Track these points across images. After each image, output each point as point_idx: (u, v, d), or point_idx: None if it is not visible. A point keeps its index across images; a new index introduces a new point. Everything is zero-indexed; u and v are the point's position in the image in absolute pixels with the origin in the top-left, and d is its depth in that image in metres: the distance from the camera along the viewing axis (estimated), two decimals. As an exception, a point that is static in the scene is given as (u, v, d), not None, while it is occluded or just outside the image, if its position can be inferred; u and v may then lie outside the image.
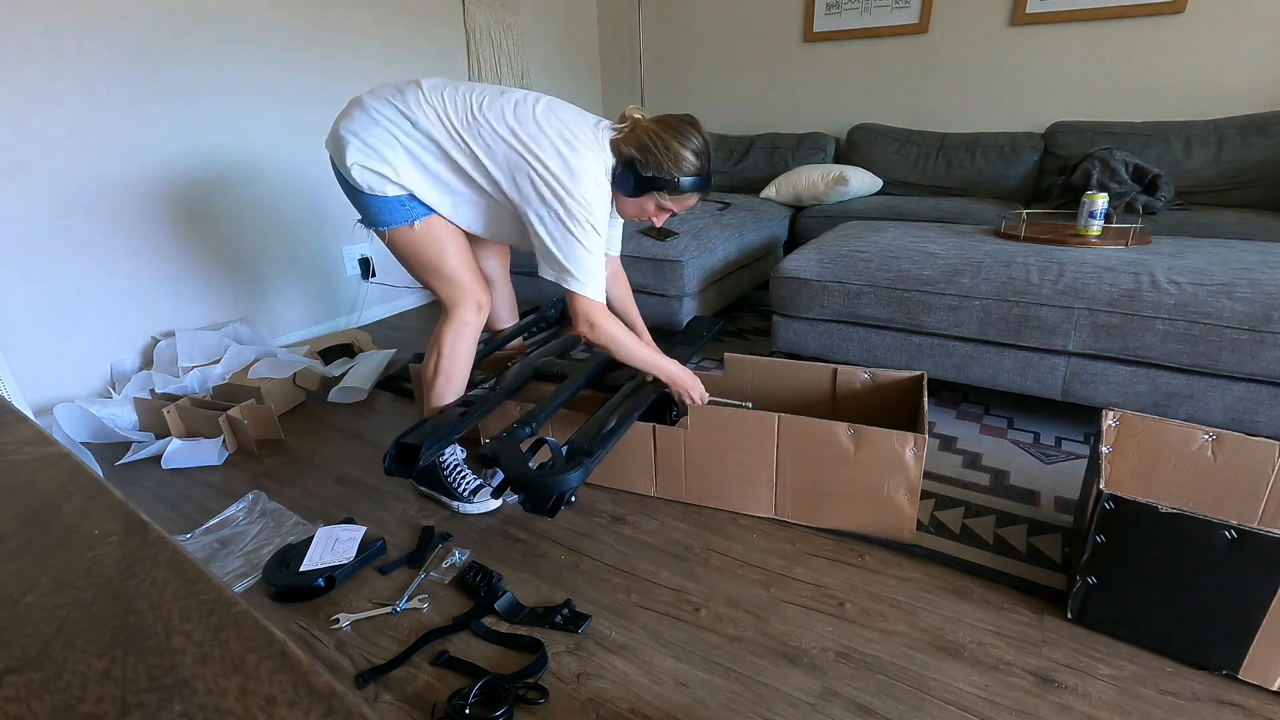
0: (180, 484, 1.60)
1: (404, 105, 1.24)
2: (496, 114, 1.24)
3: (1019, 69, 2.96)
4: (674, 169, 1.25)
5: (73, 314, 1.94)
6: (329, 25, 2.49)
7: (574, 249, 1.24)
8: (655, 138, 1.24)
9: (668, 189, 1.27)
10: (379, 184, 1.25)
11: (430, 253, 1.34)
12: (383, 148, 1.24)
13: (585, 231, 1.24)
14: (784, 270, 1.89)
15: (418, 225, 1.31)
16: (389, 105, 1.24)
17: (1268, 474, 1.15)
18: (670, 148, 1.24)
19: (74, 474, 0.44)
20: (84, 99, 1.88)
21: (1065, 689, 0.97)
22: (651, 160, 1.25)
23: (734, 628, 1.11)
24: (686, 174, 1.26)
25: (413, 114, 1.23)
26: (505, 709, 0.92)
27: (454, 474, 1.44)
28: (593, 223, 1.24)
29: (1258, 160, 2.46)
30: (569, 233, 1.23)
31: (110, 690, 0.27)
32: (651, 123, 1.28)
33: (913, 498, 1.26)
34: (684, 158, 1.25)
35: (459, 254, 1.36)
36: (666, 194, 1.28)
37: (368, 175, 1.25)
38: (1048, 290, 1.57)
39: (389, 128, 1.24)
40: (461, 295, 1.38)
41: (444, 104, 1.24)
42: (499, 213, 1.33)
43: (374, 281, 2.83)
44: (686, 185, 1.27)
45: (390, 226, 1.31)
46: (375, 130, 1.24)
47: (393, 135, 1.24)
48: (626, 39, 3.89)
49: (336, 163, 1.29)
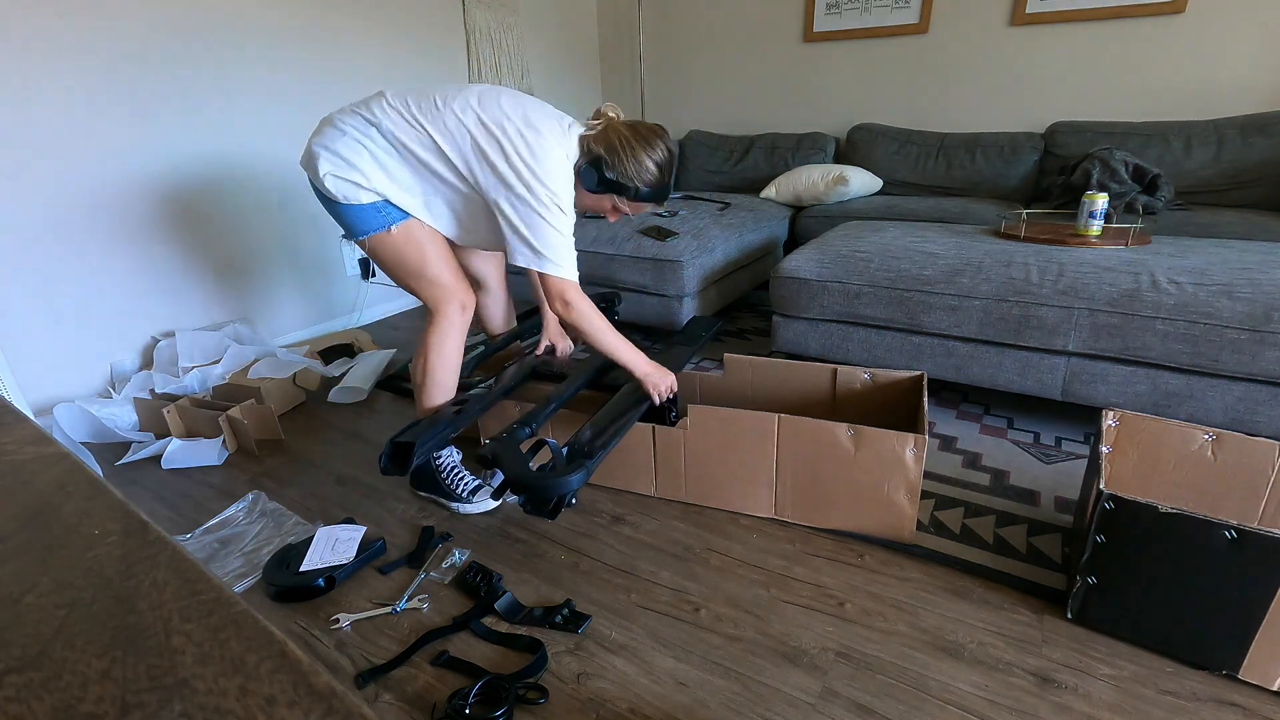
0: (180, 484, 1.60)
1: (368, 113, 1.28)
2: (461, 103, 1.26)
3: (1019, 69, 2.96)
4: (636, 178, 1.29)
5: (73, 314, 1.94)
6: (329, 25, 2.49)
7: (543, 230, 1.26)
8: (624, 143, 1.28)
9: (627, 194, 1.31)
10: (353, 192, 1.27)
11: (410, 256, 1.35)
12: (352, 156, 1.26)
13: (552, 212, 1.26)
14: (784, 270, 1.89)
15: (395, 230, 1.32)
16: (355, 115, 1.29)
17: (1268, 474, 1.15)
18: (636, 155, 1.27)
19: (74, 474, 0.44)
20: (85, 100, 1.88)
21: (1065, 689, 0.97)
22: (616, 163, 1.28)
23: (734, 628, 1.11)
24: (646, 184, 1.30)
25: (377, 119, 1.27)
26: (505, 709, 0.92)
27: (452, 476, 1.45)
28: (559, 204, 1.26)
29: (1258, 160, 2.46)
30: (536, 214, 1.25)
31: (110, 690, 0.27)
32: (624, 125, 1.30)
33: (913, 498, 1.26)
34: (647, 168, 1.29)
35: (439, 255, 1.37)
36: (625, 199, 1.32)
37: (341, 185, 1.27)
38: (1048, 290, 1.57)
39: (356, 136, 1.27)
40: (444, 296, 1.39)
41: (407, 104, 1.28)
42: (473, 209, 1.35)
43: (374, 281, 2.83)
44: (645, 195, 1.31)
45: (368, 234, 1.32)
46: (343, 140, 1.27)
47: (359, 143, 1.27)
48: (626, 39, 3.89)
49: (311, 178, 1.32)
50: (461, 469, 1.47)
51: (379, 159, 1.28)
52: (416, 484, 1.49)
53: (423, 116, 1.26)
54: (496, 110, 1.25)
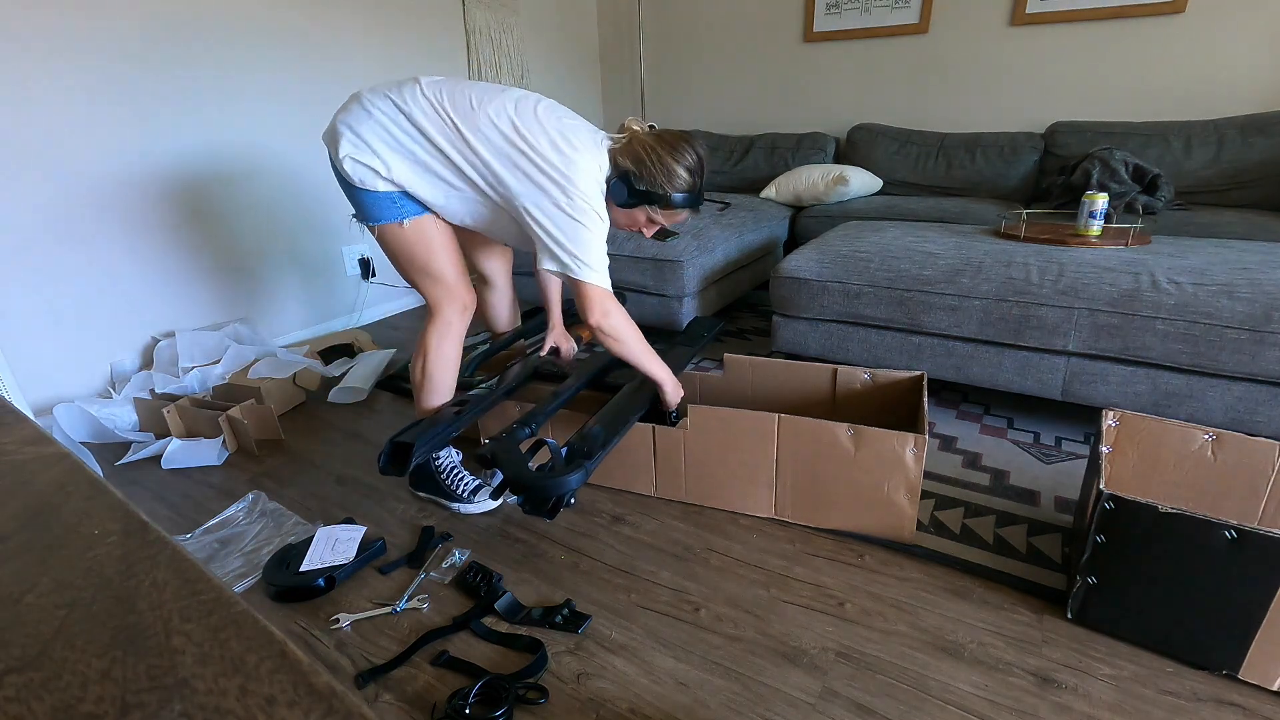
0: (180, 484, 1.60)
1: (400, 100, 1.23)
2: (497, 107, 1.23)
3: (1019, 69, 2.96)
4: (667, 184, 1.26)
5: (73, 314, 1.94)
6: (329, 25, 2.49)
7: (579, 234, 1.24)
8: (650, 152, 1.25)
9: (659, 203, 1.28)
10: (370, 178, 1.25)
11: (418, 252, 1.34)
12: (375, 141, 1.23)
13: (589, 217, 1.24)
14: (784, 270, 1.89)
15: (407, 224, 1.31)
16: (385, 100, 1.24)
17: (1268, 474, 1.15)
18: (664, 163, 1.25)
19: (74, 474, 0.44)
20: (85, 99, 1.88)
21: (1065, 689, 0.97)
22: (646, 174, 1.26)
23: (734, 628, 1.11)
24: (679, 190, 1.28)
25: (408, 108, 1.23)
26: (505, 709, 0.92)
27: (452, 476, 1.44)
28: (595, 210, 1.25)
29: (1258, 160, 2.46)
30: (572, 219, 1.23)
31: (110, 690, 0.27)
32: (649, 136, 1.28)
33: (913, 498, 1.26)
34: (677, 174, 1.26)
35: (447, 255, 1.36)
36: (658, 208, 1.30)
37: (359, 169, 1.24)
38: (1048, 290, 1.57)
39: (383, 121, 1.23)
40: (446, 296, 1.38)
41: (441, 98, 1.24)
42: (495, 210, 1.33)
43: (374, 281, 2.83)
44: (678, 201, 1.29)
45: (380, 222, 1.31)
46: (369, 124, 1.23)
47: (386, 130, 1.23)
48: (627, 39, 3.89)
49: (331, 155, 1.29)
50: (461, 469, 1.46)
51: (405, 147, 1.24)
52: (416, 485, 1.48)
53: (455, 113, 1.23)
54: (531, 119, 1.23)
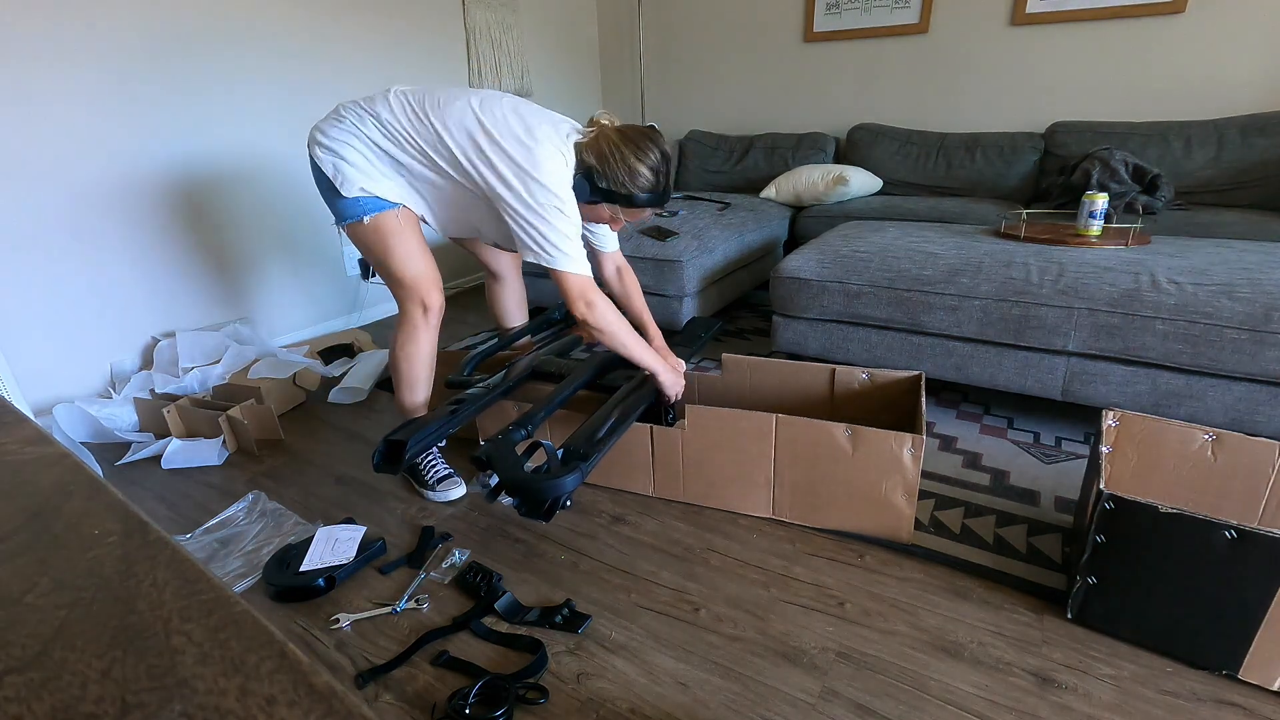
0: (180, 484, 1.60)
1: (369, 105, 1.31)
2: (462, 105, 1.28)
3: (1019, 69, 2.96)
4: (629, 183, 1.27)
5: (73, 314, 1.94)
6: (329, 25, 2.49)
7: (546, 227, 1.26)
8: (614, 149, 1.26)
9: (622, 202, 1.29)
10: (337, 178, 1.31)
11: (377, 249, 1.37)
12: (341, 143, 1.30)
13: (552, 213, 1.26)
14: (784, 270, 1.89)
15: (367, 220, 1.34)
16: (357, 106, 1.32)
17: (1268, 474, 1.15)
18: (627, 162, 1.26)
19: (74, 474, 0.44)
20: (85, 100, 1.88)
21: (1065, 689, 0.97)
22: (609, 172, 1.27)
23: (734, 628, 1.11)
24: (641, 190, 1.28)
25: (376, 110, 1.30)
26: (505, 709, 0.92)
27: (424, 462, 1.48)
28: (560, 206, 1.26)
29: (1258, 160, 2.46)
30: (539, 215, 1.25)
31: (110, 690, 0.27)
32: (614, 132, 1.29)
33: (910, 498, 1.25)
34: (639, 173, 1.27)
35: (408, 252, 1.37)
36: (621, 207, 1.31)
37: (329, 167, 1.31)
38: (1048, 290, 1.57)
39: (352, 124, 1.31)
40: (406, 295, 1.40)
41: (410, 98, 1.31)
42: (473, 202, 1.36)
43: (374, 281, 2.83)
44: (639, 201, 1.30)
45: (346, 221, 1.35)
46: (338, 128, 1.31)
47: (353, 133, 1.30)
48: (626, 39, 3.89)
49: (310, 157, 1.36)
50: (436, 456, 1.50)
51: (373, 145, 1.30)
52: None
53: (429, 109, 1.28)
54: (494, 115, 1.26)
